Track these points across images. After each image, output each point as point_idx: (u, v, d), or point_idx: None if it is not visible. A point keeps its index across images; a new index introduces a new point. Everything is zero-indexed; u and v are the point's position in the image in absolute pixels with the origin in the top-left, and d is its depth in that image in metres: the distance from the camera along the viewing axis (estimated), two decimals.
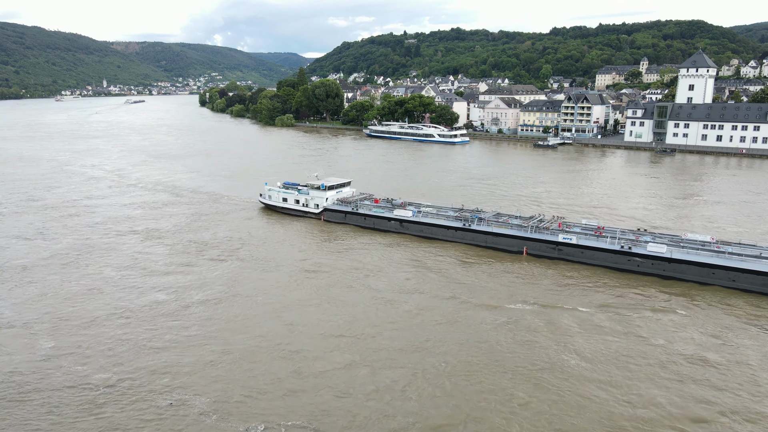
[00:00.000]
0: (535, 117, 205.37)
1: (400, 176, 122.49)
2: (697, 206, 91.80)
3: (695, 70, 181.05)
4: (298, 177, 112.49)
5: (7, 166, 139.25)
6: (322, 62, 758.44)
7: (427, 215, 74.40)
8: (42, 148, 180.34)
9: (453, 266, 61.94)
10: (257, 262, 63.84)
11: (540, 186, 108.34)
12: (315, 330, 46.41)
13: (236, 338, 45.15)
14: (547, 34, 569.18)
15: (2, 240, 73.42)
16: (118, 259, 65.12)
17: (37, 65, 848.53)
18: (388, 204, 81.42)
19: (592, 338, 44.66)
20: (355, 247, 69.88)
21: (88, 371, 40.40)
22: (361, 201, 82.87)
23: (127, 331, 46.59)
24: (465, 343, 43.69)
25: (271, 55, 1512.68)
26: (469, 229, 69.44)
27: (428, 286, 56.06)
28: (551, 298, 52.66)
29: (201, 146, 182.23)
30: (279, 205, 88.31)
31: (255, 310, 50.83)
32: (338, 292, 54.96)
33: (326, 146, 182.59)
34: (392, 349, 43.03)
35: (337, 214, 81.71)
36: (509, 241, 66.58)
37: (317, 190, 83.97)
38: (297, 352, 42.49)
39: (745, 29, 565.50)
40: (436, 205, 79.89)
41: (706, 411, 35.05)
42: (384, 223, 76.65)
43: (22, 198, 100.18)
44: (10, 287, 56.73)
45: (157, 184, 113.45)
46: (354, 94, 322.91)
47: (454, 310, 50.03)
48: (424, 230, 73.10)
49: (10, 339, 45.46)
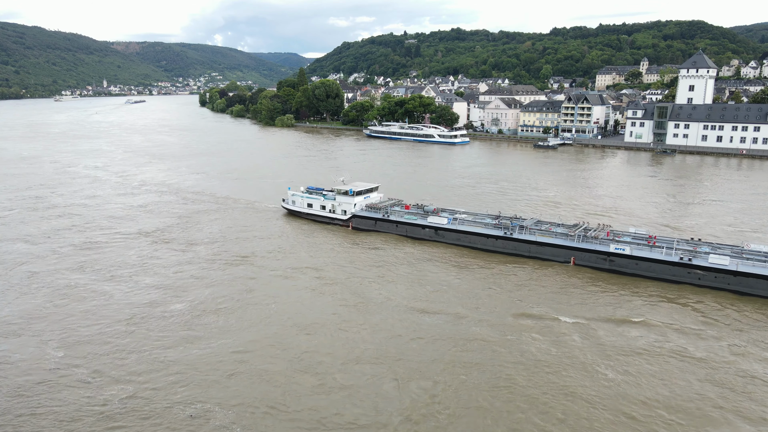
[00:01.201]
0: (535, 117, 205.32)
1: (409, 178, 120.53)
2: (714, 208, 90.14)
3: (695, 70, 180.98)
4: (308, 179, 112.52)
5: (11, 167, 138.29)
6: (323, 62, 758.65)
7: (463, 222, 70.77)
8: (44, 149, 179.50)
9: (497, 277, 58.84)
10: (282, 270, 61.34)
11: (552, 188, 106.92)
12: (339, 343, 44.21)
13: (255, 348, 43.53)
14: (547, 35, 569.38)
15: (9, 243, 72.21)
16: (128, 264, 63.57)
17: (38, 65, 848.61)
18: (419, 210, 77.60)
19: (669, 363, 40.60)
20: (388, 256, 66.35)
21: (102, 383, 38.94)
22: (391, 207, 78.99)
23: (139, 340, 45.08)
24: (519, 363, 40.71)
25: (271, 55, 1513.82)
26: (510, 237, 65.79)
27: (470, 298, 52.89)
28: (609, 312, 49.49)
29: (204, 147, 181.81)
30: (304, 211, 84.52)
31: (276, 320, 48.71)
32: (371, 304, 51.67)
33: (330, 147, 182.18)
34: (422, 361, 40.85)
35: (367, 221, 77.68)
36: (555, 251, 63.11)
37: (345, 195, 79.93)
38: (319, 363, 40.97)
39: (746, 29, 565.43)
40: (471, 212, 76.33)
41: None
42: (417, 230, 72.85)
43: (28, 200, 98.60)
44: (17, 293, 55.30)
45: (163, 186, 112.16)
46: (354, 94, 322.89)
47: (502, 324, 47.29)
48: (461, 239, 69.44)
49: (19, 348, 44.22)
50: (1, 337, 46.27)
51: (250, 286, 56.56)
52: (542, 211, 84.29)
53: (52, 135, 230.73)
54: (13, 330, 47.41)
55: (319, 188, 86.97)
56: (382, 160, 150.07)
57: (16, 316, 50.11)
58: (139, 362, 41.67)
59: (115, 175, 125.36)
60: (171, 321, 48.69)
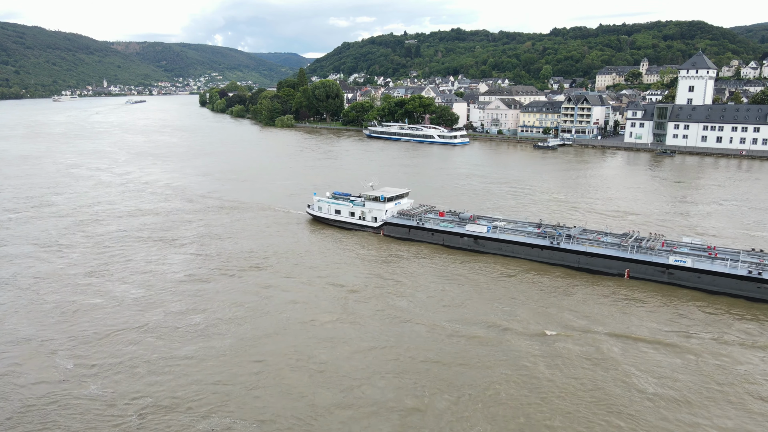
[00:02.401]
0: (535, 118, 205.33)
1: (416, 180, 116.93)
2: (730, 209, 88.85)
3: (695, 71, 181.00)
4: (318, 181, 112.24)
5: (14, 169, 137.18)
6: (323, 62, 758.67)
7: (504, 231, 67.16)
8: (47, 149, 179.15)
9: (549, 291, 55.11)
10: (308, 278, 58.68)
11: (563, 190, 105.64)
12: (368, 358, 42.19)
13: (275, 360, 41.68)
14: (547, 35, 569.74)
15: (16, 248, 70.48)
16: (138, 270, 61.54)
17: (38, 65, 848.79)
18: (455, 217, 73.98)
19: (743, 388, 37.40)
20: (424, 266, 62.83)
21: (115, 395, 37.26)
22: (425, 214, 75.49)
23: (152, 350, 43.30)
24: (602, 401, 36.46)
25: (271, 55, 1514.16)
26: (558, 247, 62.08)
27: (524, 313, 49.65)
28: (674, 331, 45.72)
29: (207, 148, 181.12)
30: (331, 218, 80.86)
31: (299, 330, 46.53)
32: (406, 317, 48.96)
33: (332, 148, 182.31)
34: (470, 385, 38.08)
35: (400, 229, 74.05)
36: (608, 263, 59.19)
37: (375, 201, 76.44)
38: (345, 376, 39.33)
39: (746, 30, 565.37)
40: (510, 219, 72.95)
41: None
42: (455, 239, 69.13)
43: (34, 203, 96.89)
44: (26, 300, 53.64)
45: (168, 188, 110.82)
46: (354, 94, 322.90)
47: (556, 342, 44.31)
48: (503, 248, 65.72)
49: (28, 357, 42.68)
50: (10, 344, 45.00)
51: (271, 294, 54.50)
52: (561, 216, 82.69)
53: (53, 136, 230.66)
54: (21, 338, 46.03)
55: (346, 193, 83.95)
56: (384, 161, 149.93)
57: (24, 323, 48.75)
58: (154, 373, 40.09)
59: (120, 177, 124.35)
60: (186, 329, 46.98)
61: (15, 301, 53.78)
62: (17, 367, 41.48)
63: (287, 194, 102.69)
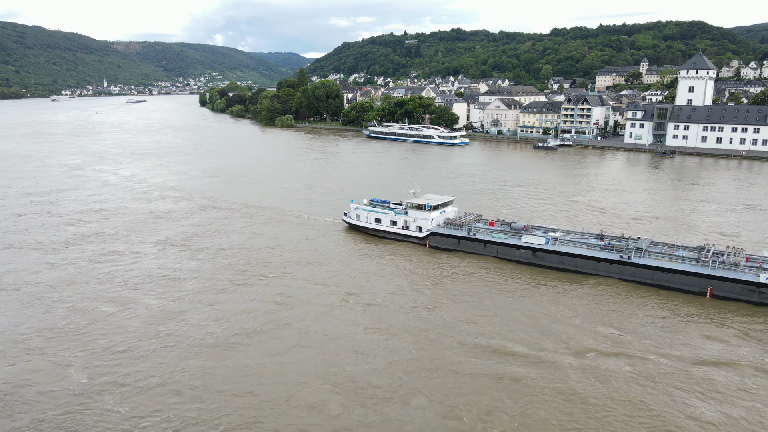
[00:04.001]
0: (535, 118, 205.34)
1: (427, 182, 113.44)
2: (754, 216, 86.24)
3: (695, 72, 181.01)
4: (331, 184, 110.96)
5: (18, 171, 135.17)
6: (323, 62, 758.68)
7: (564, 243, 62.89)
8: (50, 151, 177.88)
9: (626, 313, 50.46)
10: (346, 292, 55.03)
11: (583, 193, 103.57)
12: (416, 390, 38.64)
13: (305, 378, 39.42)
14: (547, 35, 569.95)
15: (25, 253, 68.67)
16: (153, 277, 59.11)
17: (38, 65, 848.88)
18: (506, 227, 69.69)
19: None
20: (480, 281, 58.39)
21: (135, 411, 35.48)
22: (473, 223, 71.22)
23: (169, 364, 41.21)
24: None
25: (271, 55, 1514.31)
26: (628, 262, 57.53)
27: (599, 336, 45.63)
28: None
29: (211, 148, 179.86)
30: (371, 227, 76.50)
31: (338, 350, 43.51)
32: (464, 339, 45.32)
33: (334, 149, 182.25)
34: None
35: (448, 240, 69.37)
36: (687, 279, 54.56)
37: (420, 210, 71.91)
38: (378, 398, 37.40)
39: (746, 30, 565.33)
40: (568, 230, 68.47)
41: None
42: (511, 251, 64.51)
43: (40, 206, 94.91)
44: (38, 309, 51.71)
45: (177, 190, 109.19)
46: (354, 94, 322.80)
47: (638, 371, 40.38)
48: (565, 262, 61.20)
49: (41, 370, 40.99)
50: (23, 353, 43.54)
51: (312, 311, 50.98)
52: (592, 221, 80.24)
53: (55, 136, 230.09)
54: (33, 348, 44.32)
55: (385, 201, 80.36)
56: (387, 162, 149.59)
57: (35, 332, 47.11)
58: (172, 388, 38.01)
59: (126, 180, 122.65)
60: (205, 342, 44.82)
61: (26, 309, 52.19)
62: (30, 378, 40.01)
63: (301, 197, 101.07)
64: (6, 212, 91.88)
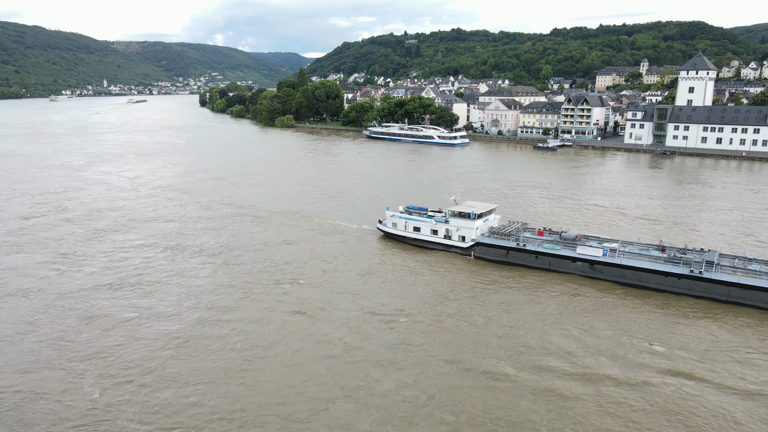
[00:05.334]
0: (535, 119, 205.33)
1: (430, 184, 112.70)
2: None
3: (695, 72, 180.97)
4: (345, 187, 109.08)
5: (23, 172, 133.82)
6: (323, 62, 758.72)
7: (625, 255, 58.89)
8: (53, 152, 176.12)
9: (713, 341, 45.75)
10: (399, 313, 51.03)
11: (598, 196, 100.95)
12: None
13: (339, 400, 37.23)
14: (547, 35, 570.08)
15: (33, 258, 66.94)
16: (166, 284, 57.24)
17: (38, 65, 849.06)
18: (555, 236, 66.22)
19: None
20: (542, 296, 54.55)
21: (150, 430, 34.27)
22: (520, 232, 67.53)
23: (186, 379, 39.13)
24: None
25: (271, 55, 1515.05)
26: (700, 277, 53.18)
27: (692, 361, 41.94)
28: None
29: (215, 150, 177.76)
30: (409, 236, 72.51)
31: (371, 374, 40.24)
32: (535, 363, 41.74)
33: (340, 150, 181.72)
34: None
35: (495, 250, 65.26)
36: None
37: (464, 218, 67.89)
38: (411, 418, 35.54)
39: (746, 30, 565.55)
40: (625, 240, 64.16)
41: None
42: (565, 264, 60.71)
43: (47, 209, 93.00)
44: (49, 317, 50.13)
45: (187, 193, 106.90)
46: (354, 94, 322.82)
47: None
48: (627, 275, 57.16)
49: (53, 382, 39.66)
50: (32, 364, 42.26)
51: (349, 322, 48.37)
52: (617, 226, 77.32)
53: (56, 137, 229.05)
54: (44, 359, 42.91)
55: (422, 208, 76.39)
56: (410, 165, 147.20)
57: (46, 341, 45.63)
58: (191, 401, 36.26)
59: (132, 182, 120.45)
60: (225, 354, 42.96)
61: (36, 317, 50.67)
62: (42, 390, 38.87)
63: (316, 201, 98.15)
64: (12, 215, 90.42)
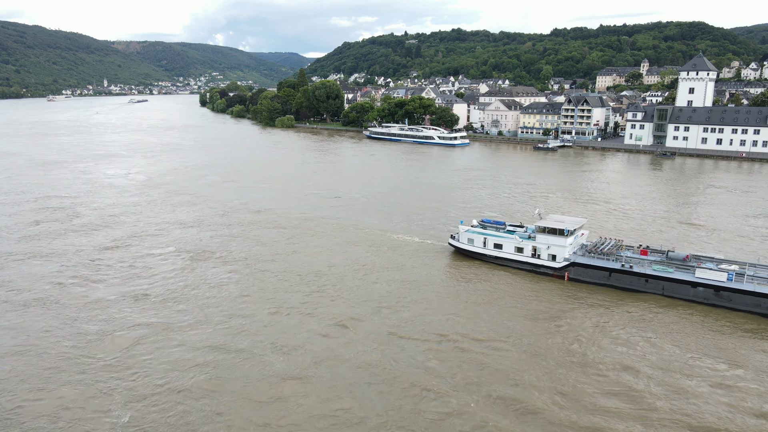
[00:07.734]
0: (535, 119, 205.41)
1: (444, 187, 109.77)
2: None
3: (695, 73, 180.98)
4: (360, 191, 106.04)
5: (29, 174, 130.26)
6: (323, 62, 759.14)
7: (755, 280, 51.23)
8: (58, 154, 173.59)
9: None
10: (468, 334, 46.67)
11: (621, 201, 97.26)
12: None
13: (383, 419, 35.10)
14: (547, 35, 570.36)
15: (48, 266, 63.90)
16: (197, 297, 54.09)
17: (38, 64, 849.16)
18: (660, 255, 58.79)
19: None
20: (673, 328, 47.39)
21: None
22: (620, 251, 60.53)
23: (222, 395, 37.07)
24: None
25: (272, 54, 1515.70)
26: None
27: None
28: None
29: (221, 151, 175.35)
30: (489, 254, 65.20)
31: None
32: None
33: (342, 151, 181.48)
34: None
35: (595, 272, 57.61)
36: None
37: (554, 234, 60.28)
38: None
39: (746, 31, 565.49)
40: (739, 261, 56.46)
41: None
42: (683, 289, 53.08)
43: (59, 215, 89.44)
44: (68, 332, 47.56)
45: (201, 198, 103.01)
46: (354, 95, 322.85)
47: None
48: (762, 305, 49.28)
49: (78, 401, 37.50)
50: (56, 385, 39.80)
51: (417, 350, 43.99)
52: (669, 236, 72.32)
53: (58, 137, 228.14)
54: (68, 380, 40.38)
55: (499, 221, 69.22)
56: (414, 167, 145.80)
57: (67, 360, 42.66)
58: (226, 424, 34.26)
59: (142, 185, 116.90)
60: (263, 374, 40.52)
61: (55, 331, 47.93)
62: (64, 411, 36.69)
63: (333, 207, 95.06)
64: (23, 220, 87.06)
